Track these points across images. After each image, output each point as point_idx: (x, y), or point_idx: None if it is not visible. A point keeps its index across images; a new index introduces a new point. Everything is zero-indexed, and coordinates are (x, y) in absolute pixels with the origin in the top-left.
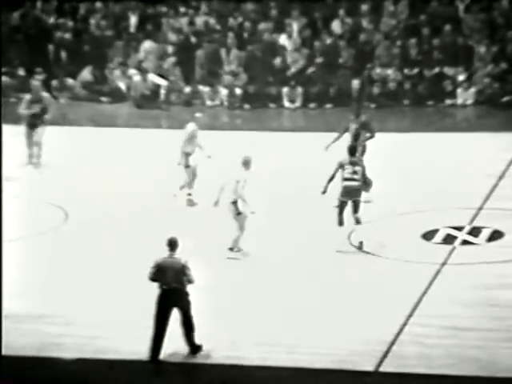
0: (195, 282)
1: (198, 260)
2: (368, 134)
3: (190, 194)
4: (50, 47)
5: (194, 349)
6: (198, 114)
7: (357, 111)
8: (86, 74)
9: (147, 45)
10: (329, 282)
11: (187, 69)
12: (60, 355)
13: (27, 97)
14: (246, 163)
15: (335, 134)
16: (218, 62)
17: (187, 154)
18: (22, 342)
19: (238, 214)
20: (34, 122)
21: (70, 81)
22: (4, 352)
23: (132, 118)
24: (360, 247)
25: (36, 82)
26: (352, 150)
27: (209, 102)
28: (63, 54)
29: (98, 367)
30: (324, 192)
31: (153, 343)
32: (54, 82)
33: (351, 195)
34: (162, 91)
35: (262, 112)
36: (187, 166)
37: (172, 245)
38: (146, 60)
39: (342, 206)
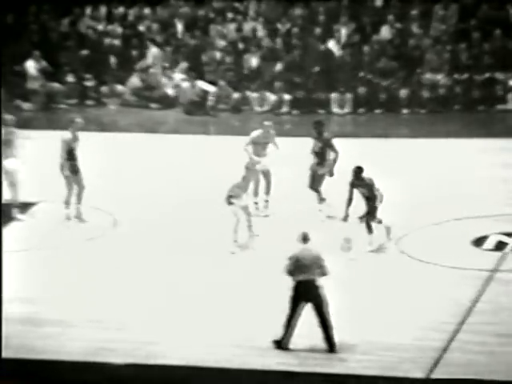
0: (328, 274)
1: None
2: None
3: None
4: (100, 54)
5: (330, 346)
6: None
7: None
8: (135, 80)
9: (155, 50)
10: (379, 287)
11: (235, 75)
12: (112, 360)
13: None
14: None
15: (385, 140)
16: (265, 68)
17: (251, 158)
18: (73, 347)
19: None
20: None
21: (119, 87)
22: (55, 357)
23: (180, 124)
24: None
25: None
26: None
27: (257, 108)
28: (112, 60)
29: (148, 372)
30: (345, 218)
31: (284, 333)
32: (104, 89)
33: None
34: (211, 97)
35: (311, 118)
36: (247, 168)
37: (305, 238)
38: (154, 66)
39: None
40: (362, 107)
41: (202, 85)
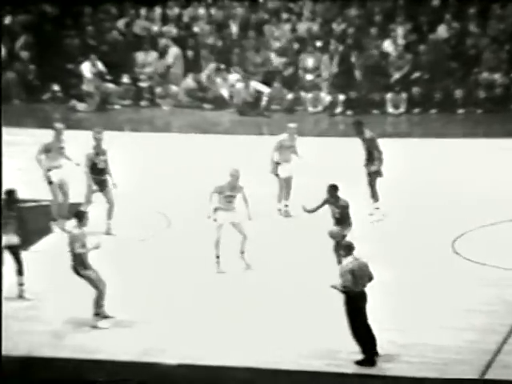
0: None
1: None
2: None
3: (287, 206)
4: (155, 54)
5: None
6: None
7: None
8: (189, 81)
9: (174, 50)
10: (432, 289)
11: (290, 75)
12: (163, 361)
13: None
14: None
15: (440, 140)
16: (321, 68)
17: (277, 163)
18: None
19: None
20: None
21: (173, 88)
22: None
23: (234, 125)
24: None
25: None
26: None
27: (311, 109)
28: (167, 61)
29: (199, 372)
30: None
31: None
32: (158, 90)
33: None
34: (264, 98)
35: (365, 118)
36: (276, 175)
37: (350, 248)
38: (174, 65)
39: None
40: (417, 107)
41: (256, 85)
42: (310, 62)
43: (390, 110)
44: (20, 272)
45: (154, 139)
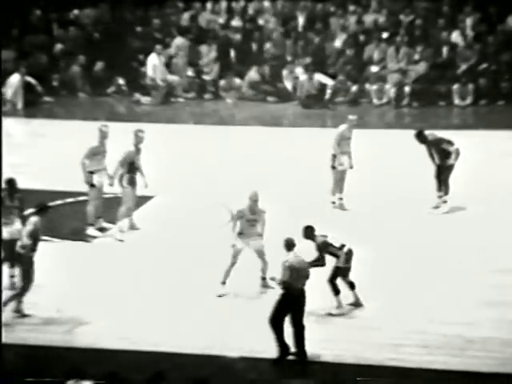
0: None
1: None
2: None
3: (341, 199)
4: (218, 47)
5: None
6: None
7: None
8: (253, 73)
9: (178, 41)
10: (495, 282)
11: (354, 67)
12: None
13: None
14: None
15: (507, 132)
16: (385, 60)
17: (333, 156)
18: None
19: None
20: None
21: (237, 81)
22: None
23: (297, 118)
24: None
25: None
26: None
27: (376, 101)
28: (232, 54)
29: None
30: None
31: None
32: (222, 82)
33: None
34: (328, 90)
35: (431, 110)
36: (333, 167)
37: (291, 244)
38: (177, 56)
39: None
40: (484, 98)
41: (320, 78)
42: (375, 53)
43: (457, 101)
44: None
45: (217, 132)
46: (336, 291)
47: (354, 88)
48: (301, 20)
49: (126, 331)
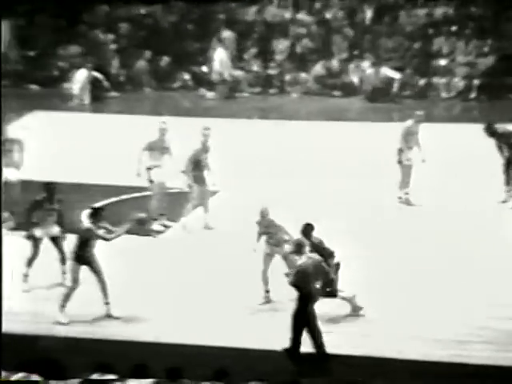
0: None
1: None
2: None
3: (407, 193)
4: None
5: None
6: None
7: None
8: (320, 68)
9: (225, 34)
10: None
11: (422, 61)
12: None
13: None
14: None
15: None
16: (454, 53)
17: (400, 151)
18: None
19: None
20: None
21: (302, 75)
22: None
23: (363, 112)
24: None
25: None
26: None
27: (444, 94)
28: (298, 48)
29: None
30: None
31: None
32: (288, 77)
33: None
34: (395, 84)
35: (500, 103)
36: (399, 162)
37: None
38: (216, 49)
39: None
40: None
41: (386, 71)
42: (444, 46)
43: None
44: (63, 261)
45: (282, 126)
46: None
47: (422, 81)
48: (368, 13)
49: (188, 326)
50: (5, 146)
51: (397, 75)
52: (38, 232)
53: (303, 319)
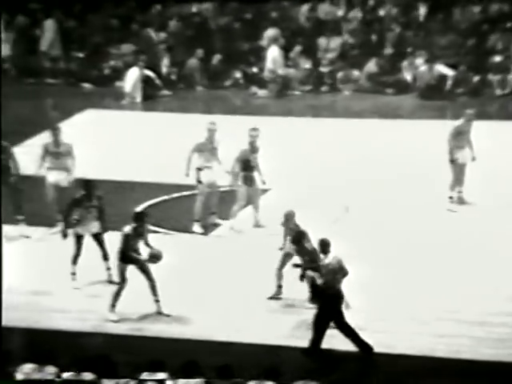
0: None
1: None
2: None
3: (460, 192)
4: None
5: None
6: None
7: None
8: (372, 65)
9: (270, 33)
10: None
11: (476, 57)
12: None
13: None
14: None
15: None
16: (509, 50)
17: (451, 150)
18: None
19: None
20: None
21: (355, 73)
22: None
23: (416, 109)
24: None
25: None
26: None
27: (498, 91)
28: (350, 46)
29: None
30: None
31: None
32: (340, 74)
33: None
34: (449, 81)
35: None
36: (452, 161)
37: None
38: (269, 47)
39: None
40: None
41: (440, 68)
42: (498, 43)
43: None
44: (105, 257)
45: (333, 124)
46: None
47: (476, 78)
48: (422, 10)
49: (238, 324)
50: (58, 149)
51: (450, 72)
52: (79, 229)
53: (331, 319)
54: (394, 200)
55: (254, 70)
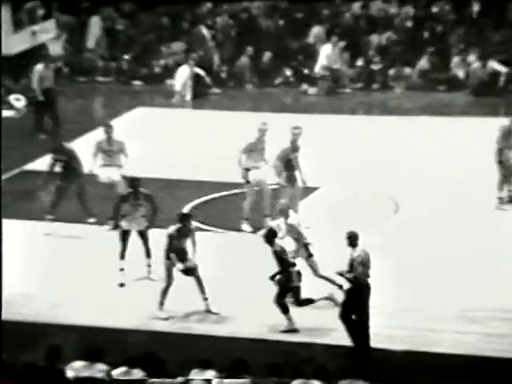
0: None
1: None
2: None
3: (511, 191)
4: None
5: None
6: None
7: None
8: (424, 62)
9: (316, 30)
10: None
11: None
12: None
13: None
14: None
15: None
16: None
17: (499, 150)
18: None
19: None
20: None
21: (406, 70)
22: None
23: (468, 106)
24: None
25: None
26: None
27: None
28: (402, 43)
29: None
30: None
31: None
32: (391, 71)
33: None
34: (502, 78)
35: None
36: (500, 162)
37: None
38: (320, 44)
39: None
40: None
41: (494, 65)
42: None
43: None
44: (148, 254)
45: (385, 122)
46: (285, 310)
47: None
48: (476, 6)
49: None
50: (111, 147)
51: (504, 69)
52: (125, 225)
53: (358, 311)
54: (444, 198)
55: (305, 68)
